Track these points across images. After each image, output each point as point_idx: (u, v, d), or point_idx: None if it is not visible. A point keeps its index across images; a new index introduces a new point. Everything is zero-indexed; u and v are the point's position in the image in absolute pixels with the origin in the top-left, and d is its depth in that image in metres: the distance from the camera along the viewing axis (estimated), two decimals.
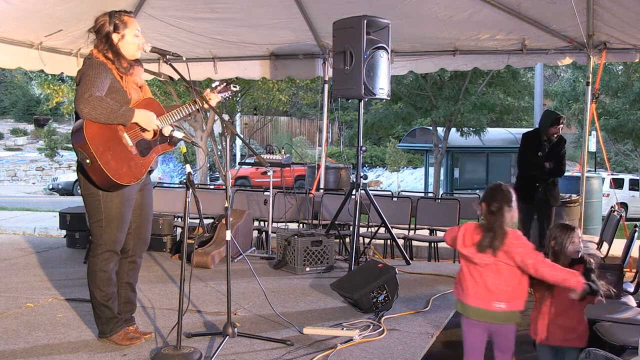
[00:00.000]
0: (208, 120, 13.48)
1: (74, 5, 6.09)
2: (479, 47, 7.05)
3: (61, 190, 21.04)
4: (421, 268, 5.73)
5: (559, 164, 5.97)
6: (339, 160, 18.21)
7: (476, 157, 20.40)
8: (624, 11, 5.96)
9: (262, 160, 4.17)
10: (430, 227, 7.00)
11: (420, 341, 3.59)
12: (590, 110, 6.73)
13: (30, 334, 3.62)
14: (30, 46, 6.75)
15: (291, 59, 7.88)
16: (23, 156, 27.07)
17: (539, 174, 5.91)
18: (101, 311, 3.42)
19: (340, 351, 3.38)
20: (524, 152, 6.11)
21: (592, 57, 6.58)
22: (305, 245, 5.34)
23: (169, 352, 3.19)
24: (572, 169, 16.44)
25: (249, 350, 3.38)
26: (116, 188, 3.28)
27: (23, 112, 32.53)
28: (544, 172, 5.90)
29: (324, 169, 8.28)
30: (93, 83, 3.18)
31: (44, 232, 9.36)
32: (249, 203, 7.27)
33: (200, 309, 4.21)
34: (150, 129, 3.35)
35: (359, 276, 4.38)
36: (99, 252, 3.37)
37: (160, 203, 6.72)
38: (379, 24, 5.44)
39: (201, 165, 15.50)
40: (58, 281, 5.00)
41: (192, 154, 16.88)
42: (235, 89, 3.75)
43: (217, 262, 5.63)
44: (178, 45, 7.30)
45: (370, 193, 5.91)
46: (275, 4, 6.89)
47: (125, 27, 3.36)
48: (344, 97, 5.66)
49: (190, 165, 3.34)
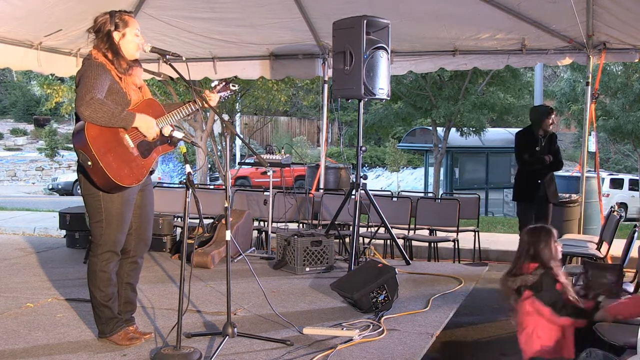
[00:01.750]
0: (208, 120, 13.48)
1: (74, 5, 6.09)
2: (478, 47, 7.05)
3: (61, 190, 21.04)
4: (421, 268, 5.73)
5: (556, 157, 6.07)
6: (339, 160, 18.21)
7: (476, 157, 20.39)
8: (624, 11, 5.96)
9: (261, 160, 4.18)
10: (430, 227, 7.01)
11: (420, 341, 3.59)
12: (590, 110, 6.73)
13: (30, 334, 3.62)
14: (30, 46, 6.75)
15: (291, 59, 7.88)
16: (23, 156, 27.07)
17: (541, 168, 6.00)
18: (101, 311, 3.42)
19: (340, 351, 3.37)
20: (522, 150, 6.15)
21: (591, 57, 6.58)
22: (305, 245, 5.33)
23: (169, 352, 3.19)
24: (572, 169, 16.46)
25: (248, 350, 3.38)
26: (117, 189, 3.28)
27: (23, 112, 32.52)
28: (545, 166, 5.99)
29: (323, 169, 8.28)
30: (93, 85, 3.18)
31: (43, 232, 9.36)
32: (249, 203, 7.27)
33: (200, 309, 4.21)
34: (150, 136, 3.34)
35: (358, 276, 4.38)
36: (99, 252, 3.37)
37: (160, 203, 6.71)
38: (379, 24, 5.44)
39: (201, 165, 15.50)
40: (58, 281, 5.00)
41: (192, 154, 16.88)
42: (234, 88, 3.75)
43: (216, 262, 5.63)
44: (178, 45, 7.30)
45: (370, 193, 5.91)
46: (274, 4, 6.88)
47: (126, 26, 3.36)
48: (344, 97, 5.66)
49: (190, 165, 3.34)
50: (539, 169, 6.02)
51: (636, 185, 18.03)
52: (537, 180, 6.05)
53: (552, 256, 3.03)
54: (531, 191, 6.08)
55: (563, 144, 28.60)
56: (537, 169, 6.02)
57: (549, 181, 6.08)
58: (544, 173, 6.04)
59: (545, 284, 2.96)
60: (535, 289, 2.97)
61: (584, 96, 7.06)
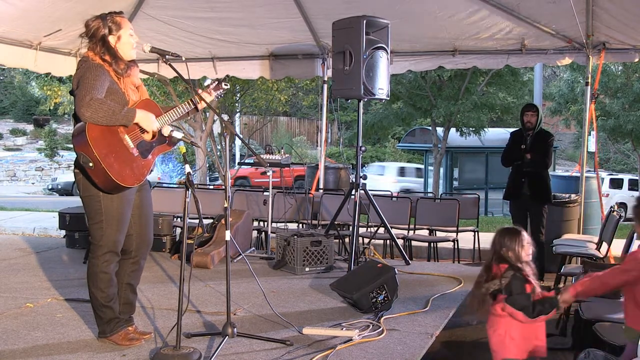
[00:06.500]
0: (207, 120, 13.48)
1: (73, 5, 6.09)
2: (478, 47, 7.05)
3: (60, 191, 21.03)
4: (421, 268, 5.73)
5: (544, 157, 6.10)
6: (339, 160, 18.21)
7: (475, 157, 20.38)
8: (623, 12, 5.97)
9: (261, 160, 4.18)
10: (429, 227, 7.01)
11: (420, 341, 3.59)
12: (590, 110, 6.73)
13: (30, 334, 3.61)
14: (30, 46, 6.74)
15: (290, 59, 7.88)
16: (22, 156, 27.06)
17: (520, 163, 6.12)
18: (103, 312, 3.41)
19: (339, 351, 3.37)
20: (507, 147, 6.35)
21: (591, 57, 6.58)
22: (305, 246, 5.33)
23: (169, 352, 3.19)
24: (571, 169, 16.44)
25: (248, 350, 3.38)
26: (119, 190, 3.28)
27: (23, 112, 32.52)
28: (524, 162, 6.08)
29: (323, 169, 8.27)
30: (93, 86, 3.17)
31: (43, 232, 9.35)
32: (249, 203, 7.26)
33: (199, 309, 4.21)
34: (150, 130, 3.35)
35: (358, 276, 4.38)
36: (100, 253, 3.36)
37: (160, 203, 6.72)
38: (379, 24, 5.44)
39: (200, 166, 15.50)
40: (57, 281, 5.00)
41: (192, 154, 16.87)
42: (226, 87, 3.74)
43: (216, 262, 5.63)
44: (177, 45, 7.30)
45: (370, 193, 5.91)
46: (274, 4, 6.88)
47: (120, 28, 3.35)
48: (344, 97, 5.66)
49: (189, 166, 3.34)
50: (520, 167, 6.11)
51: (636, 185, 18.05)
52: (521, 178, 6.13)
53: (517, 258, 3.02)
54: (514, 189, 6.20)
55: (563, 144, 28.63)
56: (521, 167, 6.11)
57: (537, 180, 6.11)
58: (528, 172, 6.10)
59: (515, 288, 2.96)
60: (508, 293, 2.97)
61: (584, 96, 7.06)
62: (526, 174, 6.11)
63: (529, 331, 3.01)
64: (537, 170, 6.10)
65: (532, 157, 6.07)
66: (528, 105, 6.38)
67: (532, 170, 6.09)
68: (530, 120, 6.14)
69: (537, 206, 6.10)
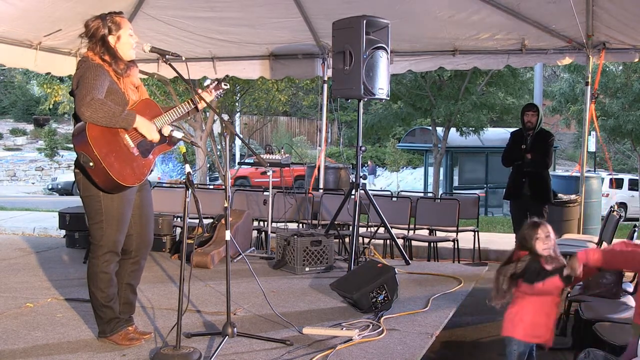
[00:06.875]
0: (207, 120, 13.48)
1: (73, 5, 6.09)
2: (478, 47, 7.05)
3: (60, 190, 21.04)
4: (421, 268, 5.73)
5: (544, 157, 6.11)
6: (339, 160, 18.21)
7: (475, 157, 20.40)
8: (623, 12, 5.97)
9: (261, 160, 4.18)
10: (429, 227, 7.01)
11: (420, 341, 3.59)
12: (590, 110, 6.73)
13: (30, 334, 3.61)
14: (30, 46, 6.74)
15: (290, 59, 7.88)
16: (22, 156, 27.09)
17: (520, 163, 6.13)
18: (103, 312, 3.41)
19: (339, 351, 3.37)
20: (507, 147, 6.36)
21: (591, 57, 6.59)
22: (305, 245, 5.33)
23: (169, 352, 3.19)
24: (571, 169, 16.45)
25: (248, 350, 3.38)
26: (119, 189, 3.28)
27: (23, 112, 32.55)
28: (525, 162, 6.09)
29: (323, 169, 8.27)
30: (93, 85, 3.17)
31: (43, 232, 9.35)
32: (249, 203, 7.26)
33: (199, 309, 4.20)
34: (150, 137, 3.34)
35: (358, 276, 4.38)
36: (100, 253, 3.36)
37: (160, 203, 6.72)
38: (379, 24, 5.44)
39: (200, 165, 15.50)
40: (57, 281, 5.00)
41: (192, 154, 16.88)
42: (226, 87, 3.74)
43: (216, 262, 5.63)
44: (177, 45, 7.30)
45: (370, 193, 5.91)
46: (274, 4, 6.88)
47: (119, 28, 3.35)
48: (344, 97, 5.66)
49: (189, 165, 3.34)
50: (521, 167, 6.12)
51: (636, 185, 18.05)
52: (522, 178, 6.14)
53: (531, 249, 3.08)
54: (515, 189, 6.22)
55: (563, 144, 28.62)
56: (521, 167, 6.12)
57: (537, 180, 6.11)
58: (529, 171, 6.11)
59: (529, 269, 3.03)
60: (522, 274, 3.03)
61: (584, 96, 7.06)
62: (526, 174, 6.12)
63: (540, 318, 3.04)
64: (537, 170, 6.11)
65: (532, 157, 6.07)
66: (528, 105, 6.39)
67: (532, 170, 6.09)
68: (530, 120, 6.14)
69: (538, 206, 6.09)
